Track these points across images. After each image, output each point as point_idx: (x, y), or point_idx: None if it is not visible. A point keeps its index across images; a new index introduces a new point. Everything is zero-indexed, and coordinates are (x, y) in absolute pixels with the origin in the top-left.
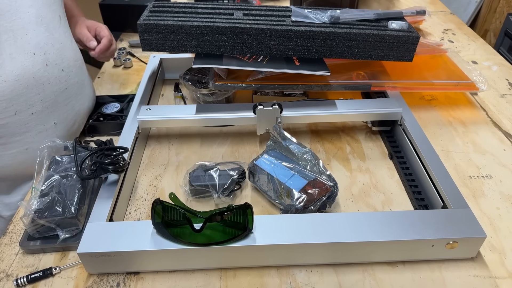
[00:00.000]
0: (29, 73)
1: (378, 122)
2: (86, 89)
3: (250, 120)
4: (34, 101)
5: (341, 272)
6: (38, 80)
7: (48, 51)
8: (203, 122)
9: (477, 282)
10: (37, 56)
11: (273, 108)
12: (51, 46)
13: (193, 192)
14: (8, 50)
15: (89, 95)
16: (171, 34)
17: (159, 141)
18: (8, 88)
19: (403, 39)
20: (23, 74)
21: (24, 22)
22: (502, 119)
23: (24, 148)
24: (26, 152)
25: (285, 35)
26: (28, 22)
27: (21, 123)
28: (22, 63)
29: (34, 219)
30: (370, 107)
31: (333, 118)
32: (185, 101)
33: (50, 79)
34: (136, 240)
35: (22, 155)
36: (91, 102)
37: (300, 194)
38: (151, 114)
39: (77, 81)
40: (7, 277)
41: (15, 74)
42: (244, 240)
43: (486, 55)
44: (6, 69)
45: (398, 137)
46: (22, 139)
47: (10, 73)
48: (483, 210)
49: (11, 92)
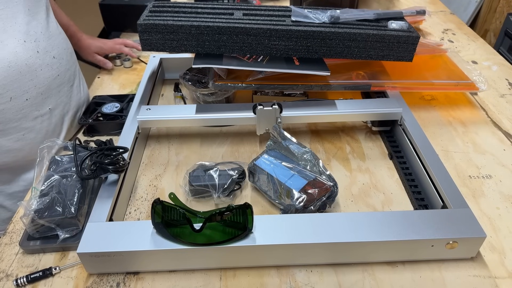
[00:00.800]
0: (21, 59)
1: (378, 122)
2: (77, 78)
3: (250, 120)
4: (28, 87)
5: (341, 272)
6: (31, 67)
7: (38, 38)
8: (203, 122)
9: (477, 282)
10: (28, 43)
11: (273, 108)
12: (41, 34)
13: (193, 192)
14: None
15: (82, 85)
16: (171, 34)
17: (159, 141)
18: (1, 74)
19: (403, 39)
20: (15, 60)
21: (13, 11)
22: (502, 119)
23: (20, 134)
24: (23, 138)
25: (285, 35)
26: (16, 11)
27: (17, 109)
28: (14, 49)
29: (34, 219)
30: (370, 107)
31: (333, 118)
32: (185, 101)
33: (42, 66)
34: (136, 240)
35: (19, 142)
36: (84, 93)
37: (300, 194)
38: (151, 114)
39: (68, 69)
40: (7, 277)
41: (7, 61)
42: (244, 240)
43: (486, 55)
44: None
45: (398, 137)
46: (18, 125)
47: (3, 59)
48: (483, 210)
49: (5, 78)
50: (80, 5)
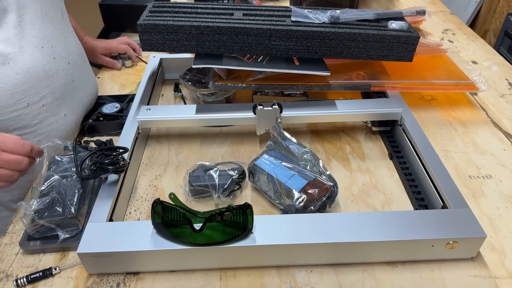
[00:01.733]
0: (39, 65)
1: (378, 122)
2: (90, 82)
3: (250, 120)
4: (44, 93)
5: (341, 272)
6: (48, 73)
7: (54, 44)
8: (203, 122)
9: (477, 282)
10: (46, 49)
11: (273, 108)
12: (57, 40)
13: (193, 192)
14: (19, 44)
15: (94, 87)
16: (171, 34)
17: (159, 141)
18: (20, 80)
19: (403, 39)
20: (33, 66)
21: (31, 17)
22: (502, 119)
23: (36, 140)
24: (38, 144)
25: (285, 35)
26: (34, 17)
27: (33, 115)
28: (32, 56)
29: (34, 219)
30: (370, 107)
31: (333, 118)
32: (185, 101)
33: (58, 72)
34: (136, 240)
35: None
36: (95, 95)
37: (300, 194)
38: (151, 114)
39: (82, 74)
40: (7, 277)
41: (26, 67)
42: (244, 240)
43: (486, 55)
44: (18, 62)
45: (398, 137)
46: (34, 130)
47: (22, 65)
48: (483, 210)
49: (23, 84)
50: (80, 5)
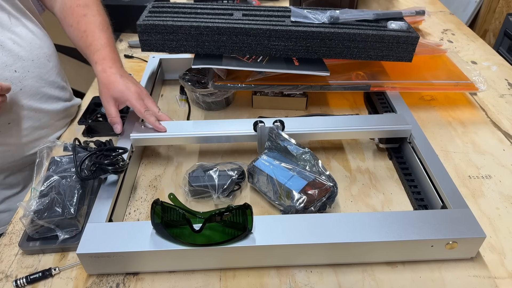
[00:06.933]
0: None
1: (386, 139)
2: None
3: (250, 138)
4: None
5: (340, 272)
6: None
7: None
8: (200, 140)
9: (476, 282)
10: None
11: (274, 126)
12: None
13: (192, 192)
14: None
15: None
16: (170, 35)
17: None
18: None
19: (403, 39)
20: None
21: None
22: (501, 119)
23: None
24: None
25: (284, 35)
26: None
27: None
28: None
29: (33, 219)
30: (378, 123)
31: (338, 135)
32: (190, 104)
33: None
34: (136, 241)
35: None
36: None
37: (300, 195)
38: (145, 132)
39: (36, 80)
40: (7, 278)
41: None
42: (243, 241)
43: (485, 55)
44: None
45: (407, 155)
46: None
47: None
48: (482, 210)
49: None
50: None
